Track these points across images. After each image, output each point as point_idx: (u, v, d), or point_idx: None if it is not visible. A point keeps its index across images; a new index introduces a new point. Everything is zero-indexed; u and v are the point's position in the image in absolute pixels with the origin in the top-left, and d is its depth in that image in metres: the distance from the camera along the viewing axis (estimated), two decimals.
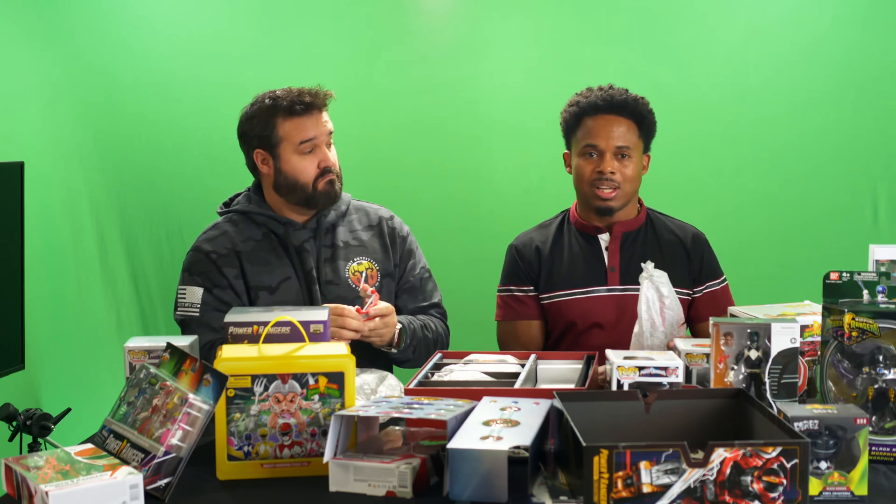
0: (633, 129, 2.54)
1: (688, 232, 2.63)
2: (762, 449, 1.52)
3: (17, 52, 3.18)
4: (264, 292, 2.48)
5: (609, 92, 2.55)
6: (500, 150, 3.56)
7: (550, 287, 2.59)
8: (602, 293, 2.55)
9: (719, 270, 2.63)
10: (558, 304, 2.57)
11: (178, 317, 2.49)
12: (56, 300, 3.23)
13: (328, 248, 2.54)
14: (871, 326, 1.85)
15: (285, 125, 2.48)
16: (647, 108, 2.57)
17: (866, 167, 3.45)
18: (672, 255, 2.58)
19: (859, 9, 3.43)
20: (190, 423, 1.71)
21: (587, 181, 2.53)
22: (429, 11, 3.59)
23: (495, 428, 1.70)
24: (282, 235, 2.52)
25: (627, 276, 2.54)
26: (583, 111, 2.55)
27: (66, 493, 1.57)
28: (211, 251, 2.51)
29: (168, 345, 1.84)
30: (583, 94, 2.59)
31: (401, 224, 2.67)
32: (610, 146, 2.51)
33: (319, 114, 2.49)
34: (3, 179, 2.49)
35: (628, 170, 2.52)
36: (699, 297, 2.58)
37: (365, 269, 2.54)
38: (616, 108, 2.52)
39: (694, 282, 2.59)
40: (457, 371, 2.18)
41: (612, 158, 2.51)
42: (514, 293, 2.62)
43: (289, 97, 2.48)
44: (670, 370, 1.92)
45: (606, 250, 2.57)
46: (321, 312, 2.09)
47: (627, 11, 3.50)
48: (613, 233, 2.57)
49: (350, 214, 2.61)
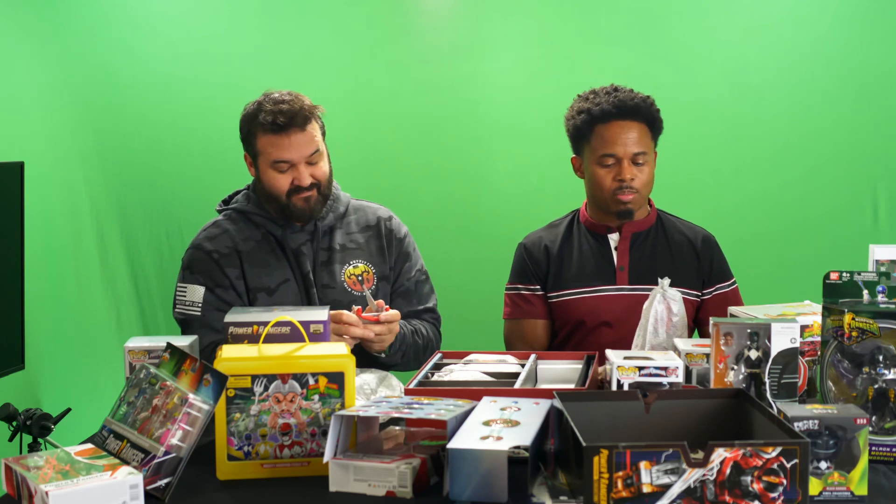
0: (646, 132, 2.54)
1: (698, 233, 2.64)
2: (762, 449, 1.52)
3: (17, 52, 3.18)
4: (263, 294, 2.47)
5: (618, 96, 2.53)
6: (500, 150, 3.56)
7: (559, 286, 2.59)
8: (611, 292, 2.55)
9: (729, 273, 2.63)
10: (567, 302, 2.57)
11: (178, 315, 2.48)
12: (56, 300, 3.23)
13: (325, 251, 2.53)
14: (871, 326, 1.85)
15: (262, 140, 2.44)
16: (654, 108, 2.57)
17: (866, 167, 3.45)
18: (681, 256, 2.58)
19: (859, 9, 3.43)
20: (190, 423, 1.71)
21: (608, 190, 2.53)
22: (429, 11, 3.59)
23: (495, 428, 1.70)
24: (279, 237, 2.52)
25: (636, 276, 2.54)
26: (595, 119, 2.53)
27: (66, 493, 1.57)
28: (213, 250, 2.50)
29: (168, 345, 1.84)
30: (591, 100, 2.56)
31: (399, 225, 2.65)
32: (627, 154, 2.51)
33: (300, 132, 2.41)
34: (3, 179, 2.49)
35: (645, 174, 2.53)
36: (709, 299, 2.59)
37: (361, 273, 2.53)
38: (628, 114, 2.51)
39: (703, 283, 2.59)
40: (457, 371, 2.18)
41: (630, 165, 2.51)
42: (522, 292, 2.62)
43: (270, 111, 2.40)
44: (670, 370, 1.92)
45: (616, 250, 2.57)
46: (321, 312, 2.09)
47: (627, 11, 3.50)
48: (623, 232, 2.57)
49: (349, 216, 2.60)
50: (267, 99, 2.45)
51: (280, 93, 2.46)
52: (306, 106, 2.43)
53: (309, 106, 2.44)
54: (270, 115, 2.40)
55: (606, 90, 2.56)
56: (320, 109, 2.48)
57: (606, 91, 2.55)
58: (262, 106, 2.43)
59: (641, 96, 2.55)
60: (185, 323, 2.47)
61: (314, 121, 2.45)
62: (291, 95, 2.45)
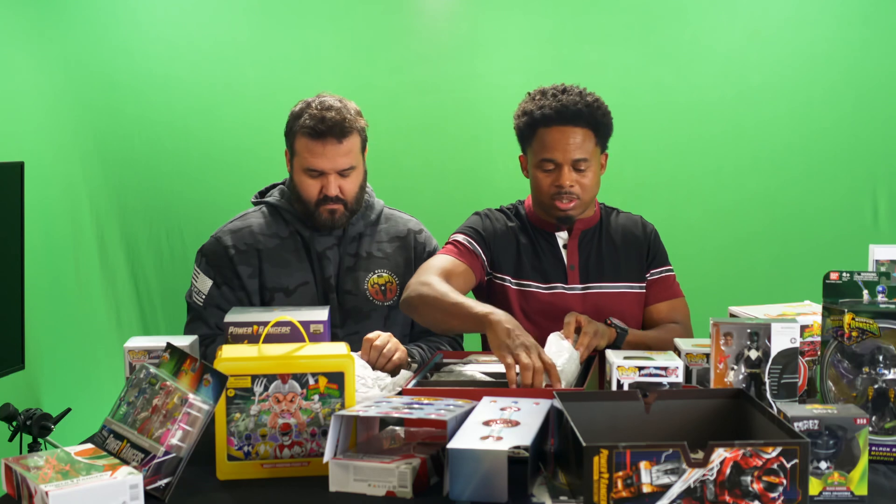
0: (590, 136, 2.45)
1: (637, 222, 2.61)
2: (762, 449, 1.52)
3: (17, 53, 3.19)
4: (281, 294, 2.47)
5: (562, 100, 2.43)
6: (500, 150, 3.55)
7: (518, 274, 2.52)
8: (563, 290, 2.52)
9: (667, 261, 2.61)
10: (526, 293, 2.52)
11: (188, 298, 2.53)
12: (56, 300, 3.23)
13: (351, 257, 2.53)
14: (871, 326, 1.85)
15: (300, 142, 2.45)
16: (601, 112, 2.46)
17: (866, 167, 3.45)
18: (627, 246, 2.55)
19: (859, 9, 3.43)
20: (190, 423, 1.71)
21: (546, 194, 2.47)
22: (429, 11, 3.59)
23: (495, 428, 1.70)
24: (307, 238, 2.51)
25: (586, 275, 2.52)
26: (536, 122, 2.45)
27: (66, 493, 1.57)
28: (230, 245, 2.50)
29: (168, 345, 1.84)
30: (535, 102, 2.48)
31: (428, 238, 2.65)
32: (567, 159, 2.43)
33: (337, 144, 2.41)
34: (3, 179, 2.50)
35: (586, 179, 2.45)
36: (651, 281, 2.56)
37: (385, 283, 2.53)
38: (570, 119, 2.42)
39: (648, 267, 2.56)
40: (457, 371, 2.18)
41: (570, 171, 2.43)
42: (469, 245, 2.51)
43: (313, 115, 2.41)
44: (670, 370, 1.92)
45: (565, 248, 2.54)
46: (321, 312, 2.09)
47: (627, 11, 3.50)
48: (573, 231, 2.54)
49: (380, 224, 2.59)
50: (316, 101, 2.45)
51: (332, 97, 2.46)
52: (349, 118, 2.42)
53: (352, 119, 2.43)
54: (311, 120, 2.41)
55: (554, 91, 2.47)
56: (364, 123, 2.48)
57: (553, 92, 2.46)
58: (309, 107, 2.44)
59: (587, 100, 2.44)
60: (188, 307, 2.52)
61: (355, 135, 2.45)
62: (340, 104, 2.44)
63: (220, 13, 3.54)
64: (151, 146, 3.54)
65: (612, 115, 2.51)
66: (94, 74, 3.47)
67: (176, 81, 3.51)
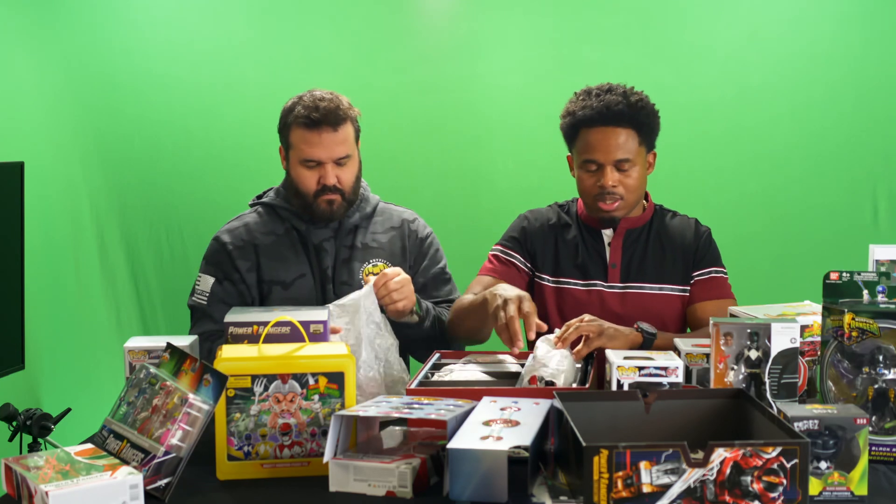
0: (633, 136, 2.44)
1: (690, 225, 2.58)
2: (762, 449, 1.52)
3: (17, 53, 3.19)
4: (278, 287, 2.50)
5: (604, 100, 2.43)
6: (500, 150, 3.56)
7: (557, 271, 2.55)
8: (602, 288, 2.53)
9: (719, 262, 2.58)
10: (562, 290, 2.54)
11: (190, 303, 2.54)
12: (56, 300, 3.23)
13: (347, 248, 2.55)
14: (871, 326, 1.85)
15: (295, 134, 2.47)
16: (645, 112, 2.46)
17: (866, 167, 3.45)
18: (674, 248, 2.53)
19: (860, 10, 3.43)
20: (190, 423, 1.71)
21: (590, 195, 2.48)
22: (429, 11, 3.59)
23: (495, 428, 1.70)
24: (303, 232, 2.54)
25: (627, 274, 2.52)
26: (579, 122, 2.46)
27: (66, 493, 1.57)
28: (228, 242, 2.54)
29: (168, 345, 1.84)
30: (578, 103, 2.48)
31: (423, 226, 2.68)
32: (609, 160, 2.43)
33: (332, 132, 2.44)
34: (3, 179, 2.50)
35: (630, 179, 2.45)
36: (698, 280, 2.52)
37: (379, 272, 2.53)
38: (612, 119, 2.42)
39: (695, 267, 2.53)
40: (457, 371, 2.18)
41: (613, 171, 2.44)
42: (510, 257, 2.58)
43: (307, 106, 2.44)
44: (670, 370, 1.92)
45: (609, 246, 2.56)
46: (321, 312, 2.09)
47: (627, 11, 3.51)
48: (618, 230, 2.55)
49: (375, 217, 2.62)
50: (307, 95, 2.49)
51: (322, 91, 2.50)
52: (342, 107, 2.46)
53: (345, 108, 2.46)
54: (305, 110, 2.44)
55: (598, 90, 2.47)
56: (357, 112, 2.50)
57: (597, 92, 2.46)
58: (301, 100, 2.47)
59: (631, 100, 2.44)
60: (193, 310, 2.53)
61: (348, 123, 2.47)
62: (331, 95, 2.48)
63: (219, 13, 3.54)
64: (151, 146, 3.54)
65: (659, 113, 2.51)
66: (93, 74, 3.47)
67: (176, 81, 3.52)
